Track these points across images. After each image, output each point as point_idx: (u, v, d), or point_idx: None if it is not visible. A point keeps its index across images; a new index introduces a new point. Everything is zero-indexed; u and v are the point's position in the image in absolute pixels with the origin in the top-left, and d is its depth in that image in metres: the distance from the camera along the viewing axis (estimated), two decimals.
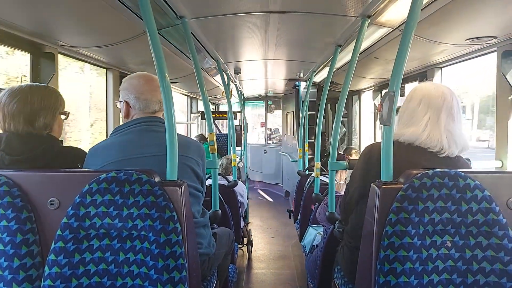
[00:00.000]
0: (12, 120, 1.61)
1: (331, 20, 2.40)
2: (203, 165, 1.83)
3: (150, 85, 1.73)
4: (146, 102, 1.71)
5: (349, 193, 1.77)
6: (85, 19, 2.00)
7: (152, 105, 1.72)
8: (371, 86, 4.75)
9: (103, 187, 1.29)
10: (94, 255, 1.29)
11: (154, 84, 1.73)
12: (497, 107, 2.30)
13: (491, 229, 1.23)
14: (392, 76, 1.38)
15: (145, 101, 1.71)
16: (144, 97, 1.71)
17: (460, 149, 1.52)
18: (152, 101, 1.72)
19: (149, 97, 1.72)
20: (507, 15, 1.83)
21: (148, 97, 1.71)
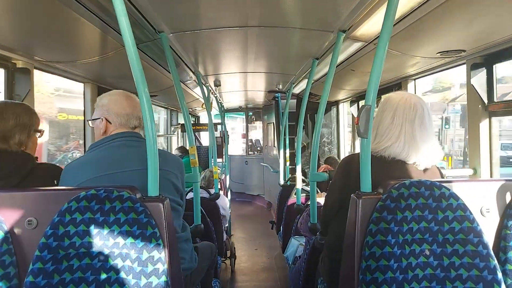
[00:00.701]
0: None
1: (308, 34, 2.45)
2: (182, 179, 1.82)
3: (130, 101, 1.76)
4: (128, 117, 1.72)
5: (328, 205, 1.79)
6: (61, 34, 1.98)
7: (133, 121, 1.74)
8: (349, 97, 4.85)
9: (83, 205, 1.27)
10: (74, 275, 1.26)
11: (134, 101, 1.77)
12: (468, 117, 2.40)
13: (466, 237, 1.27)
14: (368, 89, 1.42)
15: (127, 116, 1.72)
16: (125, 112, 1.72)
17: (436, 159, 1.57)
18: (133, 116, 1.74)
19: (129, 111, 1.73)
20: (474, 30, 1.93)
21: (128, 112, 1.73)
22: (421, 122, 1.55)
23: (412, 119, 1.55)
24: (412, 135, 1.54)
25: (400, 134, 1.54)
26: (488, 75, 2.28)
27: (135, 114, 1.75)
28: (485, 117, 2.29)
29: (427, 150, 1.54)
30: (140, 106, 1.44)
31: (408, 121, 1.55)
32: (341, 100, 5.20)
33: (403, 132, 1.54)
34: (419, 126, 1.55)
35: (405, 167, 1.55)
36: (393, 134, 1.56)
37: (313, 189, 2.52)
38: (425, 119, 1.56)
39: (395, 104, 1.60)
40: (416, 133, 1.54)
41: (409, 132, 1.54)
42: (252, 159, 9.09)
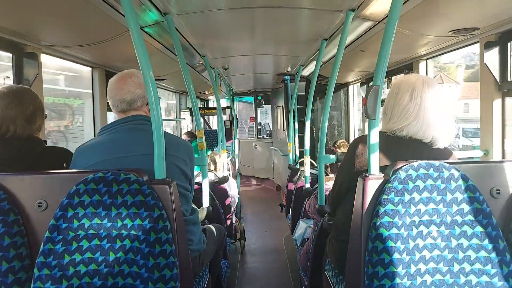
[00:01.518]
0: (12, 123, 1.61)
1: (316, 14, 2.40)
2: (192, 165, 1.83)
3: (118, 83, 1.70)
4: (113, 100, 1.70)
5: (337, 186, 1.79)
6: (67, 17, 1.98)
7: (118, 104, 1.69)
8: (359, 79, 4.78)
9: (91, 187, 1.29)
10: (84, 256, 1.28)
11: (123, 82, 1.69)
12: (481, 97, 2.34)
13: (475, 218, 1.25)
14: (376, 69, 1.39)
15: (112, 100, 1.70)
16: (111, 95, 1.70)
17: (450, 139, 1.55)
18: (116, 100, 1.69)
19: (113, 95, 1.69)
20: (489, 6, 1.86)
21: (112, 95, 1.69)
22: (438, 101, 1.54)
23: (430, 98, 1.53)
24: (430, 114, 1.52)
25: (419, 113, 1.52)
26: (502, 54, 2.20)
27: (119, 97, 1.68)
28: (498, 97, 2.23)
29: (443, 129, 1.53)
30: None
31: (427, 100, 1.53)
32: (351, 82, 5.13)
33: (422, 110, 1.52)
34: (436, 105, 1.53)
35: (422, 146, 1.53)
36: (412, 113, 1.54)
37: (321, 172, 2.51)
38: (442, 99, 1.55)
39: (412, 84, 1.58)
40: (434, 112, 1.53)
41: (427, 111, 1.53)
42: (262, 143, 9.09)
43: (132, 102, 1.68)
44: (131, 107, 1.70)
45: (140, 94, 1.69)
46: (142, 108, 1.72)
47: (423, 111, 1.53)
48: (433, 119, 1.52)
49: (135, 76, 1.71)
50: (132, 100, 1.68)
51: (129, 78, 1.70)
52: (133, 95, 1.68)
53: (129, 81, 1.68)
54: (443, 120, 1.53)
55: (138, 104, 1.70)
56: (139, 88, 1.69)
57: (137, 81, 1.69)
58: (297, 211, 3.83)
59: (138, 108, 1.71)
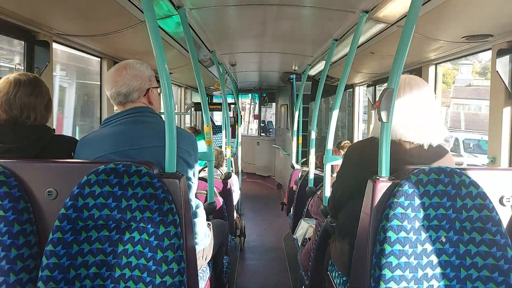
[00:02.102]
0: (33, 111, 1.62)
1: (328, 15, 2.40)
2: (195, 156, 1.81)
3: (115, 75, 1.66)
4: (110, 92, 1.66)
5: (337, 192, 1.78)
6: (81, 6, 1.97)
7: (116, 97, 1.65)
8: (365, 81, 4.77)
9: (102, 178, 1.29)
10: (93, 246, 1.29)
11: (119, 73, 1.65)
12: (490, 105, 2.34)
13: (484, 225, 1.25)
14: (391, 72, 1.39)
15: (109, 92, 1.66)
16: (108, 87, 1.67)
17: (438, 138, 1.55)
18: (114, 92, 1.65)
19: (110, 87, 1.66)
20: (504, 13, 1.85)
21: (109, 87, 1.66)
22: (419, 102, 1.55)
23: (410, 100, 1.55)
24: (410, 115, 1.54)
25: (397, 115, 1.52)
26: None
27: (115, 89, 1.63)
28: (508, 104, 2.23)
29: (428, 128, 1.53)
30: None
31: (406, 101, 1.56)
32: (357, 84, 5.12)
33: (400, 112, 1.54)
34: (417, 106, 1.55)
35: (410, 147, 1.54)
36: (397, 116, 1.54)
37: (327, 172, 2.51)
38: (423, 99, 1.56)
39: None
40: (413, 113, 1.54)
41: (406, 113, 1.54)
42: (264, 141, 9.09)
43: (128, 95, 1.64)
44: (128, 100, 1.65)
45: (136, 86, 1.64)
46: (139, 100, 1.67)
47: (404, 113, 1.54)
48: (420, 120, 1.53)
49: (131, 68, 1.65)
50: (128, 93, 1.63)
51: (124, 70, 1.65)
52: (129, 87, 1.63)
53: (124, 73, 1.63)
54: (430, 120, 1.53)
55: (135, 96, 1.65)
56: (135, 80, 1.64)
57: (132, 73, 1.64)
58: (299, 211, 3.83)
59: (135, 100, 1.66)
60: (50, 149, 1.65)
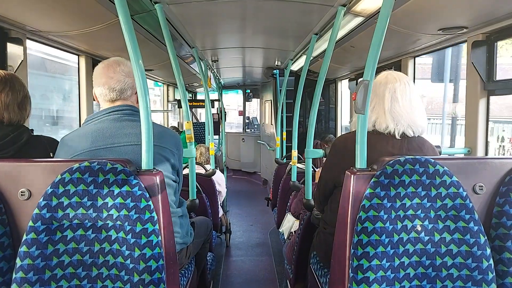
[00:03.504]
0: (6, 110, 1.58)
1: (308, 8, 2.40)
2: (179, 155, 1.80)
3: (106, 71, 1.65)
4: (100, 89, 1.64)
5: (322, 185, 1.80)
6: (55, 3, 1.93)
7: (107, 93, 1.63)
8: (348, 75, 4.80)
9: (76, 177, 1.27)
10: (68, 246, 1.27)
11: (112, 70, 1.64)
12: (466, 96, 2.38)
13: (458, 213, 1.28)
14: (366, 64, 1.40)
15: (99, 89, 1.65)
16: (98, 84, 1.65)
17: (413, 128, 1.58)
18: (105, 88, 1.63)
19: (102, 83, 1.64)
20: (477, 6, 1.88)
21: (100, 83, 1.64)
22: (392, 94, 1.59)
23: (382, 92, 1.59)
24: (383, 107, 1.58)
25: (370, 107, 1.57)
26: (489, 53, 2.24)
27: (108, 85, 1.62)
28: (483, 95, 2.28)
29: (400, 120, 1.57)
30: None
31: (379, 93, 1.60)
32: (340, 78, 5.15)
33: (373, 104, 1.59)
34: (389, 98, 1.58)
35: (386, 138, 1.57)
36: (377, 108, 1.60)
37: (309, 166, 2.52)
38: (397, 91, 1.59)
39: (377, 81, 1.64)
40: (385, 105, 1.58)
41: (379, 105, 1.59)
42: (249, 137, 9.09)
43: (122, 92, 1.64)
44: (121, 97, 1.65)
45: (130, 83, 1.65)
46: (130, 98, 1.68)
47: (376, 105, 1.59)
48: (386, 112, 1.57)
49: (124, 65, 1.66)
50: (123, 90, 1.64)
51: (118, 66, 1.64)
52: (123, 84, 1.63)
53: (118, 70, 1.63)
54: (398, 111, 1.57)
55: (128, 94, 1.66)
56: (129, 77, 1.64)
57: (126, 70, 1.65)
58: (284, 205, 3.85)
59: (127, 97, 1.67)
60: (27, 149, 1.62)
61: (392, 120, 1.57)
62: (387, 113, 1.57)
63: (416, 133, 1.59)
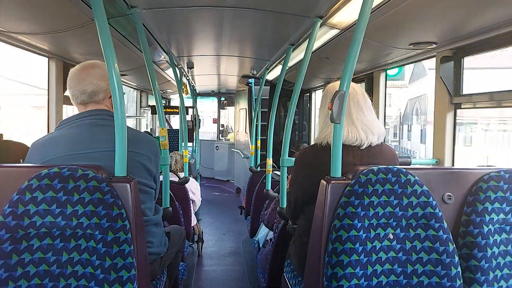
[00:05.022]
0: None
1: (285, 19, 2.43)
2: (156, 162, 1.77)
3: (79, 73, 1.62)
4: (72, 91, 1.61)
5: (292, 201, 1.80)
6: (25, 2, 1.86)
7: (78, 95, 1.60)
8: (322, 85, 4.89)
9: (45, 183, 1.21)
10: (34, 256, 1.21)
11: (85, 72, 1.62)
12: (435, 109, 2.48)
13: (428, 222, 1.32)
14: (343, 75, 1.43)
15: (71, 90, 1.61)
16: (70, 86, 1.62)
17: (377, 136, 1.64)
18: (76, 90, 1.60)
19: (73, 85, 1.61)
20: (446, 23, 1.98)
21: (72, 85, 1.61)
22: (356, 104, 1.64)
23: (347, 103, 1.62)
24: (351, 118, 1.62)
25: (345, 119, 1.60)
26: (456, 68, 2.35)
27: (79, 88, 1.60)
28: (451, 109, 2.38)
29: (369, 129, 1.62)
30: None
31: (349, 106, 1.63)
32: (314, 88, 5.25)
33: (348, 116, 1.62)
34: (355, 108, 1.63)
35: (351, 150, 1.61)
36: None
37: (284, 174, 2.54)
38: (360, 101, 1.65)
39: (330, 93, 1.69)
40: (353, 116, 1.62)
41: (347, 116, 1.62)
42: (223, 145, 9.05)
43: (93, 94, 1.60)
44: (92, 100, 1.61)
45: (103, 86, 1.61)
46: (103, 102, 1.64)
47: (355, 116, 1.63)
48: (353, 122, 1.62)
49: (99, 68, 1.63)
50: (94, 92, 1.60)
51: (92, 68, 1.61)
52: (95, 86, 1.60)
53: (91, 72, 1.60)
54: (365, 121, 1.62)
55: (100, 97, 1.62)
56: (102, 80, 1.60)
57: (100, 73, 1.61)
58: (257, 214, 3.84)
59: (99, 101, 1.62)
60: None
61: (361, 131, 1.61)
62: (356, 124, 1.62)
63: (379, 140, 1.66)
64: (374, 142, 1.63)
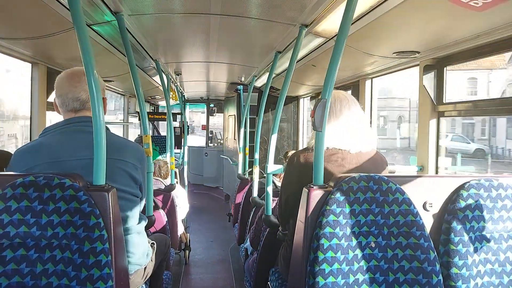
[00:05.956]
0: None
1: (271, 27, 2.44)
2: (142, 169, 1.74)
3: (70, 80, 1.61)
4: (62, 98, 1.59)
5: (283, 201, 1.80)
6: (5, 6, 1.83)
7: (69, 102, 1.59)
8: (309, 93, 4.92)
9: (19, 192, 1.18)
10: (7, 267, 1.17)
11: (75, 79, 1.61)
12: (419, 117, 2.50)
13: (410, 230, 1.32)
14: (325, 83, 1.43)
15: (61, 97, 1.60)
16: (60, 93, 1.60)
17: (368, 142, 1.67)
18: (67, 97, 1.59)
19: (64, 92, 1.59)
20: (428, 32, 2.00)
21: (63, 92, 1.59)
22: (348, 111, 1.67)
23: (338, 110, 1.67)
24: (341, 124, 1.65)
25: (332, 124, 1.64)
26: (439, 77, 2.38)
27: (72, 95, 1.58)
28: (434, 117, 2.40)
29: (359, 135, 1.65)
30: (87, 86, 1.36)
31: (335, 112, 1.67)
32: (302, 95, 5.27)
33: (333, 121, 1.65)
34: (346, 115, 1.66)
35: (341, 153, 1.63)
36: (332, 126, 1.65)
37: (269, 182, 2.53)
38: (351, 108, 1.68)
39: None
40: (343, 122, 1.65)
41: (336, 123, 1.65)
42: (212, 151, 9.01)
43: (86, 101, 1.59)
44: (84, 107, 1.60)
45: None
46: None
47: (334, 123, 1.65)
48: (344, 129, 1.64)
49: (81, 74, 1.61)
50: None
51: (83, 75, 1.57)
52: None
53: (83, 79, 1.56)
54: (355, 128, 1.65)
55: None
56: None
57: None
58: (245, 221, 3.82)
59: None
60: None
61: (351, 138, 1.63)
62: (346, 130, 1.64)
63: (370, 147, 1.68)
64: (363, 148, 1.65)
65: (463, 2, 1.44)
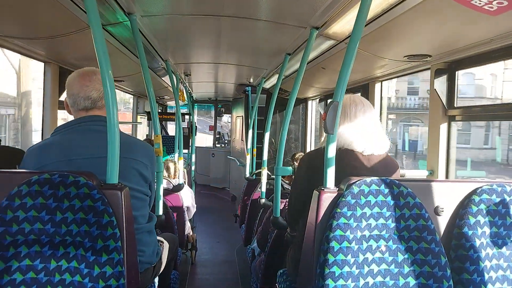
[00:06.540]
0: None
1: (281, 29, 2.45)
2: (152, 168, 1.77)
3: (81, 79, 1.63)
4: (74, 97, 1.62)
5: (293, 201, 1.80)
6: (22, 7, 1.86)
7: (81, 101, 1.61)
8: (318, 95, 4.91)
9: (35, 189, 1.20)
10: (22, 263, 1.19)
11: (87, 79, 1.63)
12: (430, 121, 2.49)
13: (420, 234, 1.31)
14: (337, 86, 1.44)
15: (73, 97, 1.62)
16: (72, 92, 1.62)
17: (381, 146, 1.68)
18: (79, 96, 1.61)
19: (76, 91, 1.62)
20: (440, 36, 1.99)
21: (75, 91, 1.62)
22: (362, 115, 1.69)
23: (353, 113, 1.69)
24: (355, 126, 1.67)
25: (346, 126, 1.67)
26: (450, 81, 2.37)
27: (83, 94, 1.60)
28: (445, 121, 2.39)
29: (372, 137, 1.66)
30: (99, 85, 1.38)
31: (349, 114, 1.69)
32: (310, 98, 5.26)
33: (347, 123, 1.67)
34: (360, 118, 1.68)
35: (354, 154, 1.65)
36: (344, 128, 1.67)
37: (278, 183, 2.53)
38: (366, 112, 1.71)
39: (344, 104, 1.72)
40: (359, 124, 1.67)
41: (350, 124, 1.67)
42: (219, 152, 9.04)
43: (97, 100, 1.61)
44: (95, 106, 1.62)
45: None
46: (104, 109, 1.64)
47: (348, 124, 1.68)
48: (360, 131, 1.66)
49: (93, 74, 1.64)
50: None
51: (94, 75, 1.63)
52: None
53: (94, 78, 1.61)
54: (370, 131, 1.66)
55: (103, 103, 1.62)
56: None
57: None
58: (252, 222, 3.82)
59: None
60: None
61: (365, 140, 1.64)
62: (360, 132, 1.65)
63: (383, 151, 1.68)
64: (376, 151, 1.66)
65: (477, 6, 1.43)
